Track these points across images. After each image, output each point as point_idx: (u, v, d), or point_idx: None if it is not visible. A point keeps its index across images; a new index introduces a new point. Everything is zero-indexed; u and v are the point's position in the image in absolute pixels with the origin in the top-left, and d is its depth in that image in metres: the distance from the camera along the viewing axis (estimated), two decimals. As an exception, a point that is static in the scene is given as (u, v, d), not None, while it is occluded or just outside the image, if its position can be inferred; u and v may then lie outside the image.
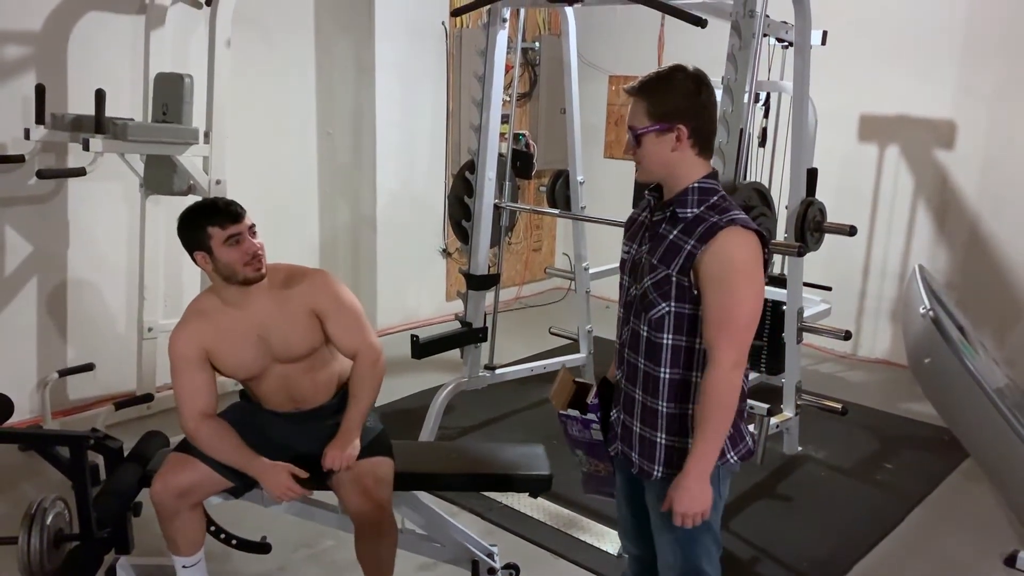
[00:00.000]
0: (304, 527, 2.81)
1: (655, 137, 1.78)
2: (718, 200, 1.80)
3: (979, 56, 4.58)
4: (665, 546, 1.94)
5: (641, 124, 1.79)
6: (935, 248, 4.87)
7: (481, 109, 3.71)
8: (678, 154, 1.79)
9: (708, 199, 1.80)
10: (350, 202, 5.26)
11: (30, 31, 3.68)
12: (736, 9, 2.87)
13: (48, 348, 3.95)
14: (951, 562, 3.05)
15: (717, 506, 1.91)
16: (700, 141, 1.80)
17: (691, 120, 1.77)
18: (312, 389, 2.42)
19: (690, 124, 1.77)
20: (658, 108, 1.77)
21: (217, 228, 2.23)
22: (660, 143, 1.79)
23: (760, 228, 1.79)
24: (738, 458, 1.89)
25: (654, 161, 1.81)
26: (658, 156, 1.80)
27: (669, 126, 1.77)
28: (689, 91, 1.78)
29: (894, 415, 4.36)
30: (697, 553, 1.91)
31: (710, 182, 1.82)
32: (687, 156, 1.80)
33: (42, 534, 2.40)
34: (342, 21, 4.97)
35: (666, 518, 1.89)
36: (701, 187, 1.81)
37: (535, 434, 3.53)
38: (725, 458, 1.86)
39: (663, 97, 1.77)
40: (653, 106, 1.77)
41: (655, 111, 1.77)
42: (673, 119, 1.76)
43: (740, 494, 3.40)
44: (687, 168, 1.81)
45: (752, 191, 3.00)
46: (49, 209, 3.86)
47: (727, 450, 1.86)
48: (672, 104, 1.77)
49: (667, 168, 1.81)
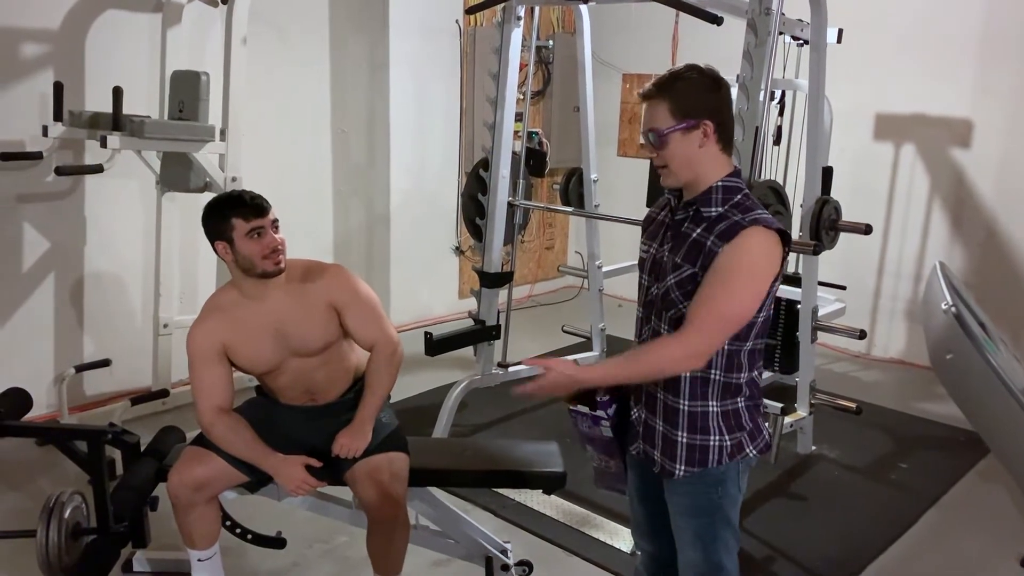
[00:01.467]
0: (319, 523, 2.82)
1: (681, 136, 1.75)
2: (742, 199, 1.78)
3: (996, 55, 4.55)
4: (686, 542, 1.94)
5: (666, 124, 1.75)
6: (951, 248, 4.84)
7: (495, 107, 3.71)
8: (704, 151, 1.76)
9: (732, 197, 1.78)
10: (364, 200, 5.28)
11: (48, 29, 3.71)
12: (752, 7, 2.86)
13: (65, 344, 3.98)
14: (966, 562, 3.04)
15: (736, 501, 1.91)
16: (724, 137, 1.78)
17: (715, 115, 1.75)
18: (328, 382, 2.44)
19: (715, 119, 1.75)
20: (682, 105, 1.73)
21: (241, 220, 2.25)
22: (687, 141, 1.75)
23: (783, 226, 1.77)
24: (756, 452, 1.89)
25: (681, 162, 1.77)
26: (686, 155, 1.76)
27: (695, 123, 1.74)
28: (709, 87, 1.76)
29: (909, 415, 4.33)
30: (717, 548, 1.91)
31: (734, 180, 1.80)
32: (713, 153, 1.77)
33: (60, 528, 2.43)
34: (356, 20, 4.99)
35: (687, 514, 1.90)
36: (725, 186, 1.78)
37: (548, 432, 3.52)
38: (744, 451, 1.86)
39: (685, 94, 1.74)
40: (676, 104, 1.74)
41: (679, 109, 1.73)
42: (699, 115, 1.73)
43: (754, 493, 3.39)
44: (712, 166, 1.78)
45: (767, 189, 2.99)
46: (66, 206, 3.89)
47: (746, 444, 1.86)
48: (695, 100, 1.74)
49: (694, 168, 1.78)
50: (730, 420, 1.85)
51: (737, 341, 1.80)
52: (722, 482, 1.88)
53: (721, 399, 1.84)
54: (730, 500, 1.90)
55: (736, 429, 1.85)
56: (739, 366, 1.83)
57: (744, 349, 1.82)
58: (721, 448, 1.84)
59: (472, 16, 5.34)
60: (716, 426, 1.84)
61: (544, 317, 5.75)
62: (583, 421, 1.94)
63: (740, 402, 1.86)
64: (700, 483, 1.88)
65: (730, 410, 1.85)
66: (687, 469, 1.85)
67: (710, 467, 1.85)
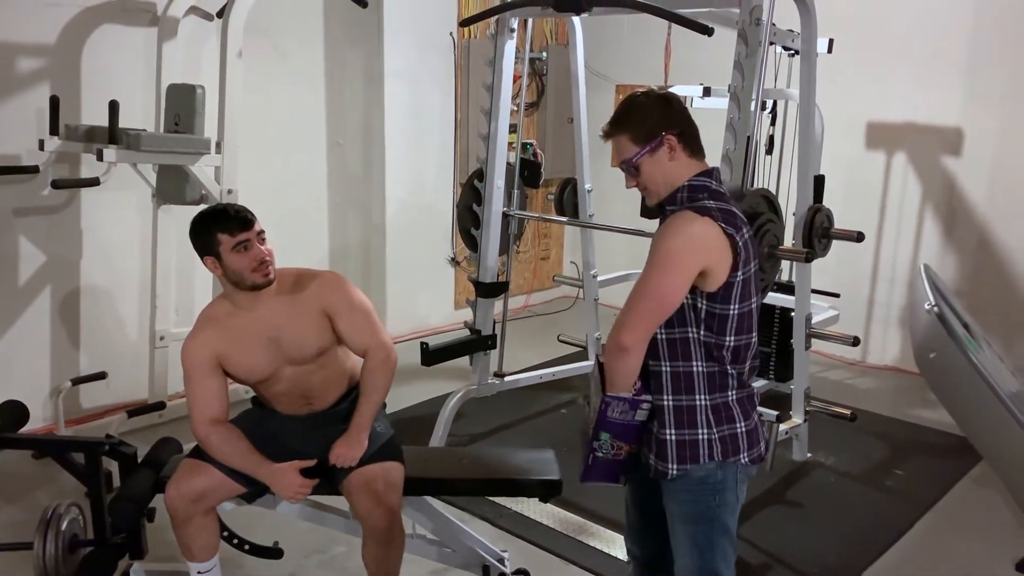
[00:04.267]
0: (316, 533, 2.82)
1: (650, 157, 1.85)
2: (703, 196, 1.83)
3: (986, 63, 4.59)
4: (683, 549, 1.94)
5: (631, 152, 1.85)
6: (943, 255, 4.87)
7: (490, 118, 3.73)
8: (675, 162, 1.85)
9: (696, 195, 1.84)
10: (360, 211, 5.29)
11: (45, 44, 3.73)
12: (743, 17, 2.90)
13: (61, 356, 3.99)
14: (962, 568, 3.05)
15: (734, 510, 1.93)
16: (690, 144, 1.86)
17: (674, 127, 1.84)
18: (325, 385, 2.44)
19: (675, 130, 1.84)
20: (640, 130, 1.84)
21: (226, 235, 2.26)
22: (656, 160, 1.85)
23: (722, 219, 1.78)
24: (749, 460, 1.90)
25: (657, 180, 1.87)
26: (658, 172, 1.86)
27: (659, 140, 1.83)
28: (659, 104, 1.87)
29: (904, 421, 4.35)
30: (715, 557, 1.92)
31: (701, 179, 1.86)
32: (682, 161, 1.86)
33: (57, 539, 2.43)
34: (352, 32, 5.02)
35: (684, 521, 1.91)
36: (691, 184, 1.86)
37: (544, 441, 3.53)
38: (739, 451, 1.87)
39: (640, 119, 1.85)
40: (635, 131, 1.84)
41: (639, 134, 1.84)
42: (659, 131, 1.83)
43: (750, 500, 3.39)
44: (685, 171, 1.86)
45: (760, 197, 3.01)
46: (63, 219, 3.90)
47: (741, 444, 1.88)
48: (651, 121, 1.84)
49: (669, 180, 1.87)
50: (720, 413, 1.86)
51: (711, 333, 1.82)
52: (720, 490, 1.89)
53: (709, 392, 1.85)
54: (728, 509, 1.91)
55: (726, 422, 1.86)
56: (722, 359, 1.85)
57: (725, 344, 1.84)
58: (710, 442, 1.85)
59: (466, 29, 5.37)
60: (704, 419, 1.85)
61: (540, 327, 5.76)
62: (618, 406, 1.87)
63: (731, 395, 1.87)
64: (698, 490, 1.89)
65: (720, 403, 1.86)
66: (679, 467, 1.86)
67: (702, 463, 1.85)
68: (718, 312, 1.81)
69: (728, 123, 2.94)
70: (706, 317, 1.82)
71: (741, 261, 1.79)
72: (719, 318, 1.81)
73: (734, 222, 1.80)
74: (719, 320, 1.81)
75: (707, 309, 1.81)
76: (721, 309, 1.81)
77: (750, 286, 1.85)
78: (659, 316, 1.79)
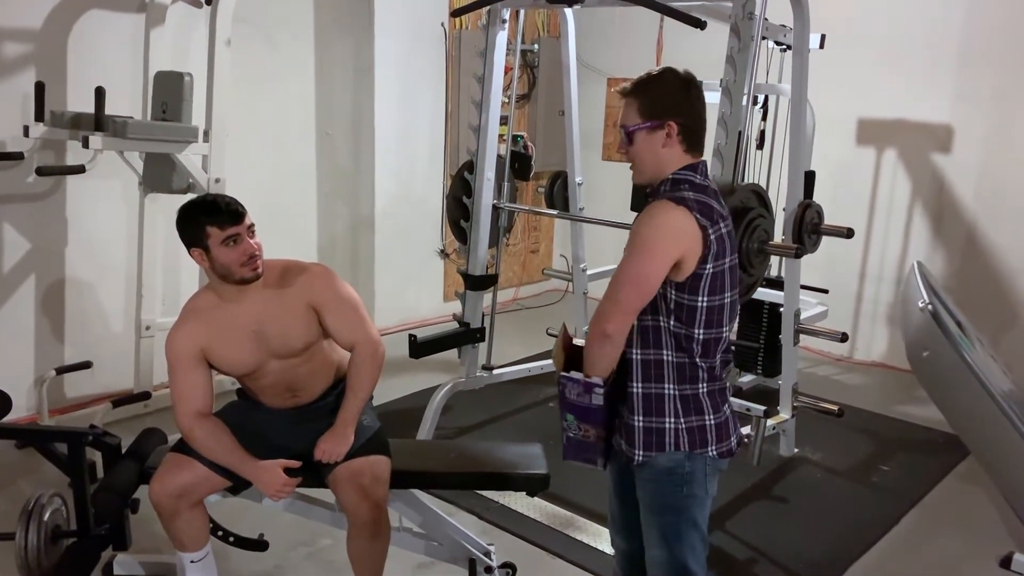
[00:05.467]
0: (302, 525, 2.81)
1: (646, 134, 1.85)
2: (684, 187, 1.84)
3: (976, 61, 4.60)
4: (652, 539, 1.97)
5: (633, 122, 1.86)
6: (932, 252, 4.88)
7: (480, 110, 3.72)
8: (668, 150, 1.85)
9: (678, 187, 1.84)
10: (349, 203, 5.27)
11: (30, 29, 3.69)
12: (735, 11, 2.89)
13: (45, 346, 3.95)
14: (946, 563, 3.06)
15: (703, 503, 1.94)
16: (689, 137, 1.86)
17: (680, 116, 1.84)
18: (311, 378, 2.42)
19: (679, 120, 1.84)
20: (649, 106, 1.84)
21: (216, 228, 2.23)
22: (651, 140, 1.85)
23: (698, 210, 1.79)
24: (718, 453, 1.91)
25: (646, 159, 1.87)
26: (650, 153, 1.86)
27: (660, 123, 1.83)
28: (678, 89, 1.86)
29: (890, 418, 4.37)
30: (683, 549, 1.94)
31: (686, 173, 1.86)
32: (676, 152, 1.86)
33: (40, 530, 2.41)
34: (342, 22, 4.98)
35: (653, 511, 1.93)
36: (675, 177, 1.87)
37: (533, 434, 3.53)
38: (707, 443, 1.88)
39: (654, 95, 1.85)
40: (645, 104, 1.84)
41: (646, 109, 1.84)
42: (664, 116, 1.83)
43: (737, 495, 3.41)
44: (675, 164, 1.87)
45: (750, 192, 3.01)
46: (48, 207, 3.86)
47: (709, 437, 1.89)
48: (663, 102, 1.84)
49: (657, 165, 1.87)
50: (688, 404, 1.87)
51: (680, 324, 1.83)
52: (688, 482, 1.90)
53: (679, 382, 1.86)
54: (696, 501, 1.92)
55: (694, 413, 1.87)
56: (691, 351, 1.85)
57: (695, 335, 1.84)
58: (677, 432, 1.87)
59: (457, 19, 5.34)
60: (672, 409, 1.87)
61: (529, 320, 5.75)
62: (574, 388, 1.92)
63: (701, 387, 1.88)
64: (666, 481, 1.91)
65: (689, 394, 1.87)
66: (645, 454, 1.88)
67: (668, 451, 1.87)
68: (686, 303, 1.83)
69: (719, 117, 2.93)
70: (675, 307, 1.84)
71: (711, 254, 1.80)
72: (687, 309, 1.83)
73: (710, 215, 1.81)
74: (687, 311, 1.83)
75: (675, 299, 1.83)
76: (689, 300, 1.82)
77: (721, 280, 1.85)
78: (640, 302, 1.81)
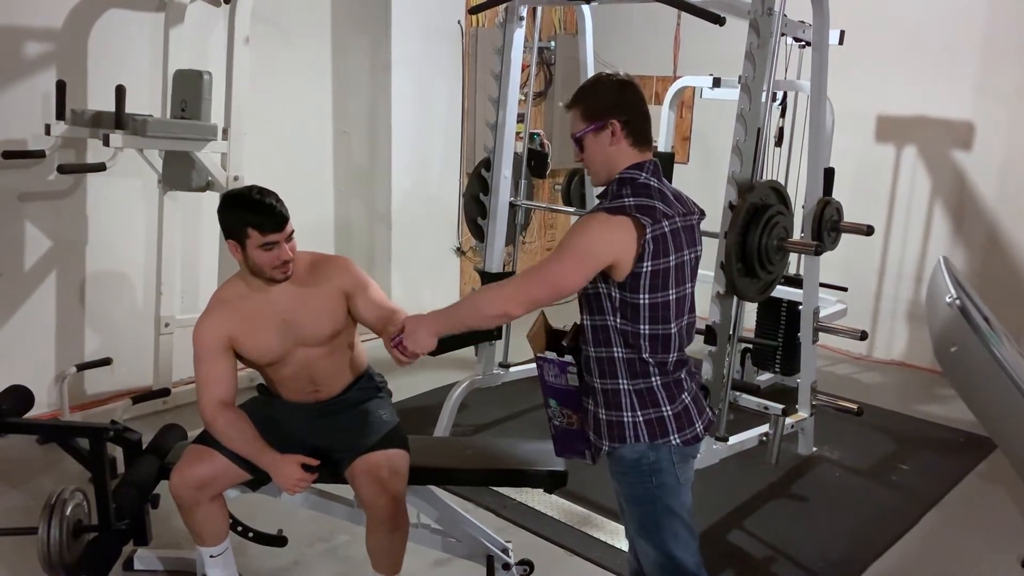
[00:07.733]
0: (320, 521, 2.82)
1: (593, 136, 1.92)
2: (627, 190, 1.88)
3: (998, 57, 4.55)
4: (633, 531, 2.04)
5: (579, 128, 1.94)
6: (952, 250, 4.84)
7: (497, 107, 3.71)
8: (616, 148, 1.92)
9: (622, 189, 1.90)
10: (365, 200, 5.28)
11: (51, 28, 3.72)
12: (754, 7, 2.87)
13: (66, 342, 3.99)
14: (966, 564, 3.04)
15: (675, 491, 1.97)
16: (633, 132, 1.93)
17: (621, 114, 1.91)
18: (332, 372, 2.44)
19: (621, 118, 1.91)
20: (590, 110, 1.93)
21: (256, 232, 2.24)
22: (599, 141, 1.92)
23: (636, 212, 1.82)
24: (682, 441, 1.94)
25: (597, 160, 1.94)
26: (599, 153, 1.93)
27: (603, 123, 1.91)
28: (614, 90, 1.94)
29: (910, 416, 4.33)
30: (665, 538, 1.97)
31: (632, 172, 1.92)
32: (623, 149, 1.92)
33: (61, 525, 2.43)
34: (359, 20, 4.99)
35: (629, 502, 2.00)
36: (621, 178, 1.92)
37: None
38: (668, 433, 1.92)
39: (593, 99, 1.94)
40: (586, 110, 1.93)
41: (588, 113, 1.93)
42: (605, 115, 1.91)
43: (755, 494, 3.40)
44: (625, 160, 1.93)
45: (769, 189, 2.99)
46: (68, 204, 3.90)
47: (669, 427, 1.93)
48: (602, 103, 1.92)
49: (608, 164, 1.93)
50: (643, 397, 1.93)
51: (626, 321, 1.88)
52: (656, 471, 1.94)
53: (631, 378, 1.92)
54: (668, 490, 1.96)
55: (650, 406, 1.92)
56: (639, 347, 1.90)
57: (641, 332, 1.89)
58: (635, 424, 1.92)
59: (474, 17, 5.34)
60: (628, 403, 1.93)
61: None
62: (550, 369, 2.00)
63: (654, 381, 1.93)
64: (634, 472, 1.95)
65: (643, 388, 1.93)
66: (611, 444, 1.95)
67: (629, 443, 1.92)
68: (630, 301, 1.88)
69: (739, 114, 2.92)
70: (620, 305, 1.89)
71: (648, 253, 1.84)
72: (631, 307, 1.88)
73: (652, 214, 1.84)
74: (632, 308, 1.88)
75: (620, 297, 1.88)
76: (632, 298, 1.87)
77: (663, 278, 1.88)
78: (547, 300, 1.86)
